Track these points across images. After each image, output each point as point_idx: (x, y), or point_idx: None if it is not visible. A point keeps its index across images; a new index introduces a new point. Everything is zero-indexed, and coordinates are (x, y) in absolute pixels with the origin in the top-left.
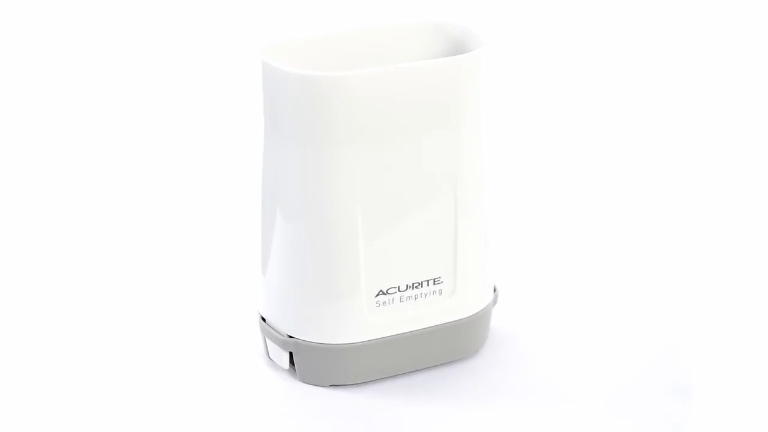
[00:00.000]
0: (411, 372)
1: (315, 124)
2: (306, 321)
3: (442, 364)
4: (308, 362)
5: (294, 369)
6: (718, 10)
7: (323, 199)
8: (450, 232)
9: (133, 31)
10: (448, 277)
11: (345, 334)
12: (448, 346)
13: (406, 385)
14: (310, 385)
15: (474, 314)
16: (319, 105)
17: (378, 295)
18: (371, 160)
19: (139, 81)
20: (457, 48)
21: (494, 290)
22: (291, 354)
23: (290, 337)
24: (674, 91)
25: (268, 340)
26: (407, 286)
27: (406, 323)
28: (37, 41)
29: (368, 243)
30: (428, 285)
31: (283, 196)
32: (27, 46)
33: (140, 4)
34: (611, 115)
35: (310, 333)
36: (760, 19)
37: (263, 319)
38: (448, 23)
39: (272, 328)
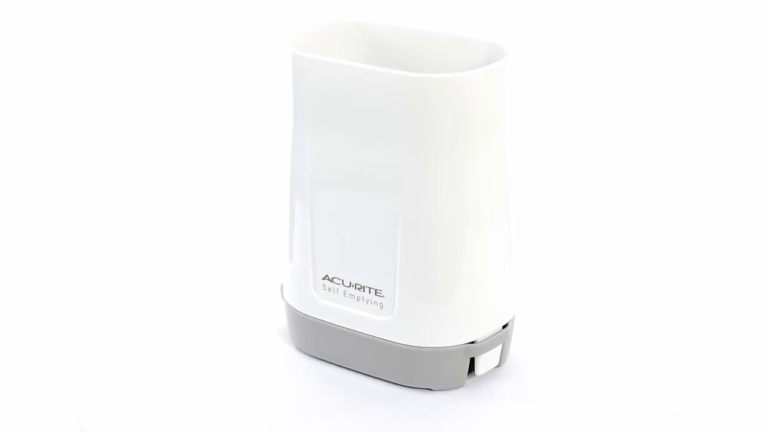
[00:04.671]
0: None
1: (294, 100)
2: (286, 277)
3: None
4: (286, 314)
5: None
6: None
7: (292, 170)
8: (393, 251)
9: (160, 17)
10: (388, 295)
11: (299, 302)
12: (393, 366)
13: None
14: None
15: (416, 347)
16: (296, 83)
17: (324, 278)
18: (325, 145)
19: (170, 71)
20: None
21: (476, 340)
22: None
23: (282, 286)
24: (678, 95)
25: None
26: (350, 283)
27: (349, 319)
28: (49, 39)
29: (317, 224)
30: (369, 292)
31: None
32: (32, 46)
33: None
34: (613, 121)
35: (285, 289)
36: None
37: None
38: (483, 41)
39: None
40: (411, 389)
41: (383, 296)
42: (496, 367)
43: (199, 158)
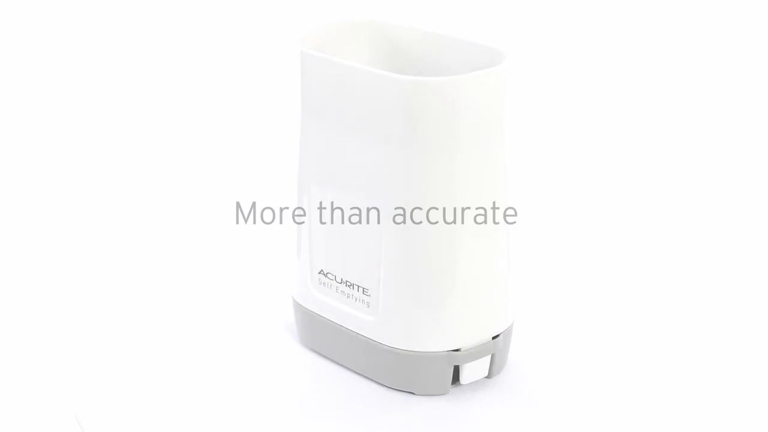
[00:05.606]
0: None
1: (298, 95)
2: (292, 270)
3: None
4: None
5: None
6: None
7: (299, 166)
8: (378, 251)
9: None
10: (374, 295)
11: (299, 295)
12: (378, 367)
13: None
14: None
15: (398, 348)
16: (302, 80)
17: (320, 273)
18: (325, 142)
19: (176, 70)
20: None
21: (460, 349)
22: None
23: None
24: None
25: None
26: (341, 279)
27: (340, 315)
28: (52, 40)
29: (315, 219)
30: (357, 290)
31: None
32: (34, 46)
33: None
34: (613, 125)
35: (292, 282)
36: None
37: None
38: (485, 44)
39: None
40: (395, 391)
41: (369, 295)
42: (487, 378)
43: (211, 155)
